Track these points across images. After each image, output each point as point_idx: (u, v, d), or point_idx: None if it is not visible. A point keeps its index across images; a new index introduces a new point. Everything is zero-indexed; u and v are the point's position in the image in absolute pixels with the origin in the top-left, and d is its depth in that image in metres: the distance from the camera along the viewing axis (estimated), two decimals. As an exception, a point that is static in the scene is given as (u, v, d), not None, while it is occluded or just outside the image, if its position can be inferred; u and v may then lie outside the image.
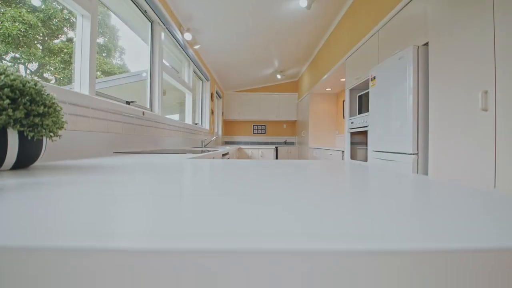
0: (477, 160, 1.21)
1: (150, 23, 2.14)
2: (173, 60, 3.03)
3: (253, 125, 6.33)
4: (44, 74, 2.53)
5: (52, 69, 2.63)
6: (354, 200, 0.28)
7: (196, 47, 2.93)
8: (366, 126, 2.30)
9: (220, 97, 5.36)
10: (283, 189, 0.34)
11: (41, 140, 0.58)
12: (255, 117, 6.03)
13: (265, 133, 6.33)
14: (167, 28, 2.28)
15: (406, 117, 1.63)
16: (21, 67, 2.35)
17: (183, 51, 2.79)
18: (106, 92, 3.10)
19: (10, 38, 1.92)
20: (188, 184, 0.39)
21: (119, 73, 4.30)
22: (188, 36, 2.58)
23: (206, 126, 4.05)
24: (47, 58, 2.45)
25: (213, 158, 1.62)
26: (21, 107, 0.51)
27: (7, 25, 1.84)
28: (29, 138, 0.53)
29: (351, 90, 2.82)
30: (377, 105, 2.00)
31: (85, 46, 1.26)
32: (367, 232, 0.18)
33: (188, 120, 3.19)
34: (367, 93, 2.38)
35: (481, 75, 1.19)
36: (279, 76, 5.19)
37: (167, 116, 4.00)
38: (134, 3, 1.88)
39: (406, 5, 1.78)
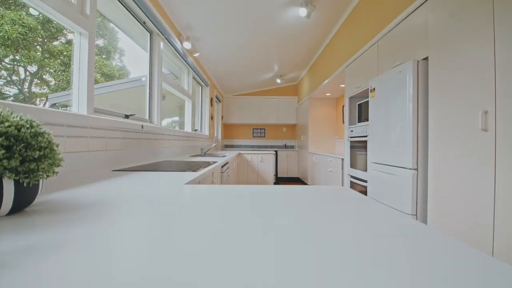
0: (477, 178, 1.20)
1: (149, 34, 2.13)
2: (172, 67, 3.02)
3: (253, 129, 6.33)
4: (44, 76, 2.53)
5: (52, 71, 2.64)
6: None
7: (196, 55, 2.92)
8: (366, 136, 2.30)
9: (219, 101, 5.36)
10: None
11: (37, 183, 0.57)
12: (254, 120, 6.02)
13: (264, 136, 6.33)
14: (166, 38, 2.28)
15: (405, 131, 1.63)
16: (21, 69, 2.35)
17: (182, 59, 2.78)
18: (106, 98, 3.10)
19: (9, 41, 1.91)
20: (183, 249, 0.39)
21: (119, 75, 4.29)
22: (187, 45, 2.57)
23: (206, 131, 4.04)
24: (46, 61, 2.45)
25: (212, 174, 1.62)
26: (16, 155, 0.51)
27: (6, 28, 1.83)
28: (25, 185, 0.53)
29: (351, 98, 2.82)
30: (376, 117, 1.99)
31: (83, 64, 1.26)
32: None
33: (188, 127, 3.18)
34: (367, 102, 2.38)
35: (481, 93, 1.19)
36: (278, 81, 5.19)
37: (167, 119, 3.99)
38: (133, 15, 1.87)
39: (407, 17, 1.77)
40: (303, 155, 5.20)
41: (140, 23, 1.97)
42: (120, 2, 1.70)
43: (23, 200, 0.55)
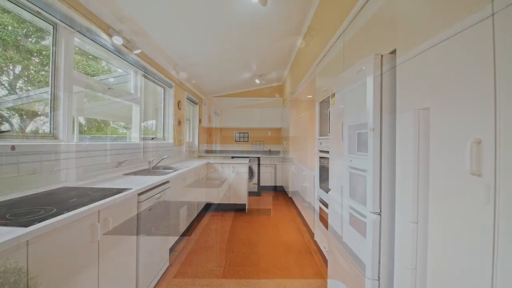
0: (476, 246, 0.74)
1: (52, 27, 1.70)
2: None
3: (235, 133, 5.88)
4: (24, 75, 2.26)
5: (33, 72, 2.42)
6: None
7: (137, 51, 2.48)
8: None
9: (196, 103, 4.91)
10: None
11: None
12: (237, 124, 5.57)
13: (248, 141, 5.87)
14: (80, 32, 1.84)
15: (368, 163, 1.16)
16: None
17: (119, 57, 2.34)
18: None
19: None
20: None
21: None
22: (118, 40, 2.13)
23: (170, 139, 3.61)
24: (26, 62, 2.21)
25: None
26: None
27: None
28: None
29: (321, 103, 2.34)
30: (336, 133, 1.52)
31: None
32: None
33: (136, 135, 2.74)
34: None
35: (474, 120, 0.72)
36: (257, 81, 4.72)
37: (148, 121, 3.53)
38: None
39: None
40: (285, 161, 4.73)
41: (35, 15, 1.54)
42: None
43: None
